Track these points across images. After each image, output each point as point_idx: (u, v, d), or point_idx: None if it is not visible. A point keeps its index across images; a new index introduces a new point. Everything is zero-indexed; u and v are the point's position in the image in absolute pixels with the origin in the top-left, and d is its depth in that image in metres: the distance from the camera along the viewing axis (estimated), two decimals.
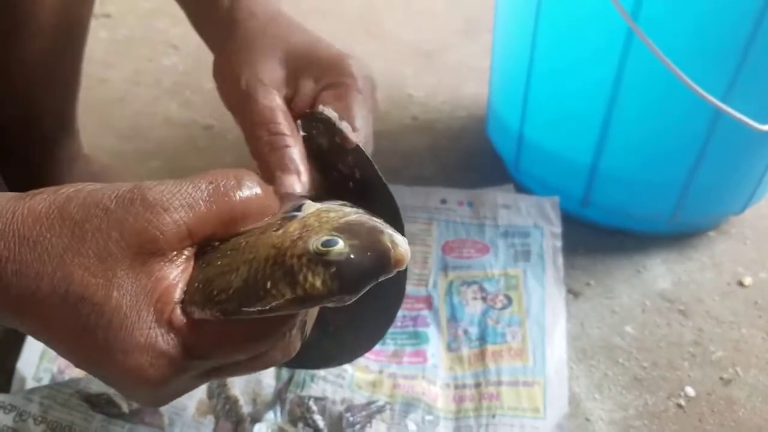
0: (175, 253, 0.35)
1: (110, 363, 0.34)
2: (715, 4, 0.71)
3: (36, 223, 0.34)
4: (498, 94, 1.02)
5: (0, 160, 0.76)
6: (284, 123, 0.47)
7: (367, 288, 0.33)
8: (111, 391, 0.65)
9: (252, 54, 0.49)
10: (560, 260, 0.84)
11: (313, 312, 0.41)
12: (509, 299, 0.80)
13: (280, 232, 0.35)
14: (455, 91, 1.25)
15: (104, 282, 0.33)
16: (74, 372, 0.71)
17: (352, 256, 0.32)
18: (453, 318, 0.79)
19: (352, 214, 0.36)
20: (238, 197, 0.36)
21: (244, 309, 0.33)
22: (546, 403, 0.71)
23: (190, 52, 1.31)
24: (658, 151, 0.85)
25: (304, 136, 0.45)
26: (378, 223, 0.34)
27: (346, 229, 0.34)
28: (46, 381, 0.69)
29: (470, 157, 1.09)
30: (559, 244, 0.85)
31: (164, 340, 0.34)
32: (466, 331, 0.77)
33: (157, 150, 1.09)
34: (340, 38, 0.50)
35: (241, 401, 0.67)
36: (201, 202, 0.35)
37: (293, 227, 0.35)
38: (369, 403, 0.69)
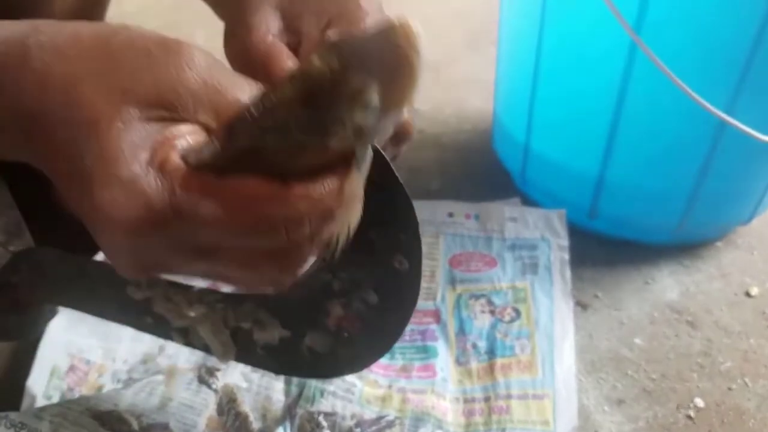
0: (194, 125, 0.34)
1: (89, 194, 0.32)
2: (718, 15, 0.71)
3: (77, 43, 0.34)
4: (503, 107, 1.03)
5: (10, 178, 0.77)
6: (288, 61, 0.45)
7: (373, 67, 0.30)
8: (121, 408, 0.65)
9: (246, 13, 0.46)
10: (568, 273, 0.84)
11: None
12: (517, 312, 0.80)
13: None
14: (461, 105, 1.25)
15: (114, 113, 0.32)
16: (84, 389, 0.71)
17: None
18: (461, 332, 0.79)
19: None
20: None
21: (249, 108, 0.32)
22: (556, 415, 0.71)
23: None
24: (664, 161, 0.85)
25: None
26: None
27: None
28: (56, 398, 0.70)
29: (477, 170, 1.09)
30: (566, 256, 0.85)
31: (147, 178, 0.31)
32: (474, 345, 0.77)
33: None
34: None
35: (251, 417, 0.67)
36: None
37: None
38: (379, 418, 0.69)
